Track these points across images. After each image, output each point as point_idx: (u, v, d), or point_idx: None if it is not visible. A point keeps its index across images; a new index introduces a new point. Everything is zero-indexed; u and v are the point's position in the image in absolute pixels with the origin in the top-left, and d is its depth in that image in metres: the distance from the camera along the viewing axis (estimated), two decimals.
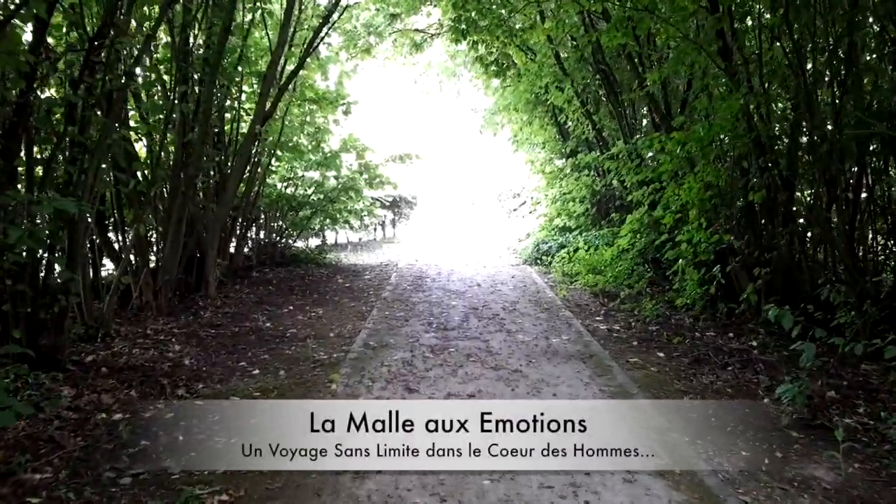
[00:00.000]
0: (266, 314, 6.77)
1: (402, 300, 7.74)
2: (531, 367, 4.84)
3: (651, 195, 7.54)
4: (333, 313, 6.97)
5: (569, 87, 9.48)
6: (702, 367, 4.86)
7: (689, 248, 6.43)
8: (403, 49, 13.98)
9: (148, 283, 6.23)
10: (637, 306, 6.97)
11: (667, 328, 6.11)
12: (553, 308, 7.23)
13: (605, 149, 9.69)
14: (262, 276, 9.03)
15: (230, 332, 5.92)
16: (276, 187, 10.99)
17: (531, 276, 10.01)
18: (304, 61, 7.83)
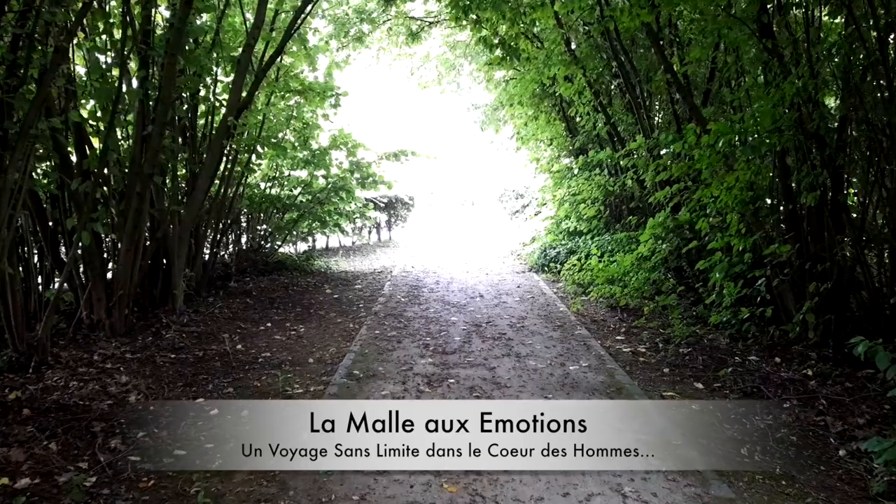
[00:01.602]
0: (239, 333, 6.01)
1: (396, 315, 6.98)
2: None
3: (676, 196, 6.81)
4: (316, 332, 6.21)
5: (580, 76, 8.73)
6: (753, 404, 4.11)
7: (725, 257, 5.70)
8: (399, 39, 13.25)
9: (100, 299, 5.47)
10: (663, 324, 6.22)
11: (701, 351, 5.36)
12: (566, 325, 6.48)
13: (621, 145, 8.95)
14: (240, 287, 8.27)
15: (193, 356, 5.16)
16: (259, 187, 10.25)
17: (539, 285, 9.26)
18: (284, 45, 7.07)
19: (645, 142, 7.37)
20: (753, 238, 5.15)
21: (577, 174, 10.34)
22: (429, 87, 16.30)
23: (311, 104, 9.70)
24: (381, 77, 24.36)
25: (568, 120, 11.81)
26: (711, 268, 5.91)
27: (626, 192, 9.38)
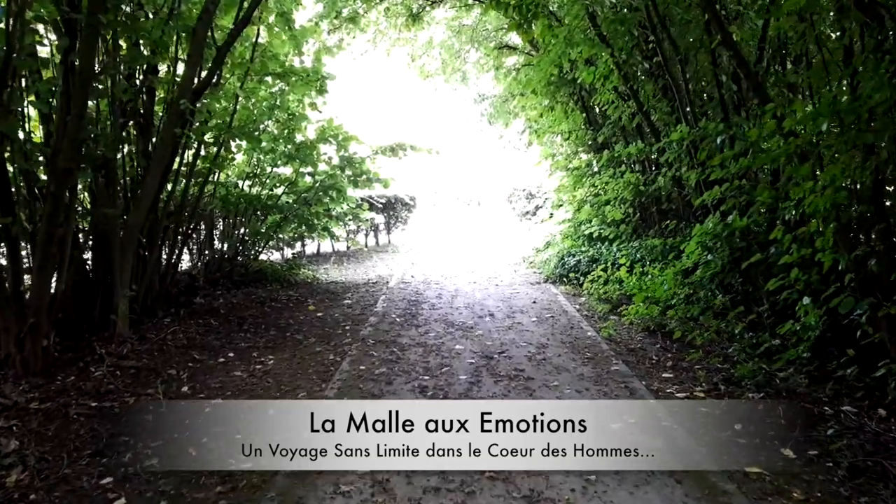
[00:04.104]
0: (190, 368, 4.94)
1: (388, 342, 5.89)
2: (590, 498, 2.95)
3: (733, 198, 5.71)
4: (288, 365, 5.12)
5: (606, 57, 7.62)
6: (870, 488, 3.00)
7: (803, 275, 4.58)
8: (398, 20, 12.18)
9: (7, 328, 4.42)
10: (717, 354, 5.11)
11: (776, 397, 4.26)
12: (598, 357, 5.37)
13: (654, 137, 7.83)
14: (207, 303, 7.20)
15: (121, 404, 4.09)
16: (237, 186, 9.18)
17: (558, 299, 8.14)
18: (252, 12, 5.96)
19: (689, 132, 6.26)
20: (855, 254, 4.02)
21: (602, 171, 9.22)
22: (432, 76, 15.25)
23: (296, 91, 8.64)
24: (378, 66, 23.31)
25: (588, 111, 10.71)
26: (783, 288, 4.81)
27: (660, 193, 8.26)
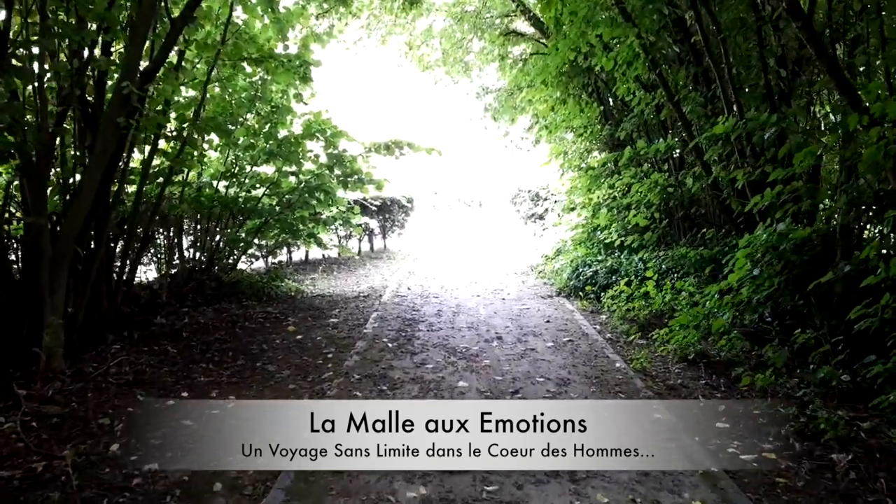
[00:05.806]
0: (129, 415, 4.03)
1: (377, 375, 4.99)
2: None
3: (790, 204, 4.83)
4: (252, 412, 4.21)
5: (631, 39, 6.74)
6: None
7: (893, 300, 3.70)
8: (394, 4, 11.31)
9: None
10: (780, 395, 4.22)
11: (870, 462, 3.37)
12: (633, 399, 4.46)
13: (686, 132, 6.93)
14: (169, 324, 6.28)
15: (23, 472, 3.19)
16: (212, 186, 8.28)
17: (574, 317, 7.23)
18: None
19: (736, 124, 5.37)
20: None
21: (622, 172, 8.32)
22: (431, 68, 14.37)
23: (279, 80, 7.74)
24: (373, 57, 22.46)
25: (605, 104, 9.83)
26: (864, 316, 3.93)
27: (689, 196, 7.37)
